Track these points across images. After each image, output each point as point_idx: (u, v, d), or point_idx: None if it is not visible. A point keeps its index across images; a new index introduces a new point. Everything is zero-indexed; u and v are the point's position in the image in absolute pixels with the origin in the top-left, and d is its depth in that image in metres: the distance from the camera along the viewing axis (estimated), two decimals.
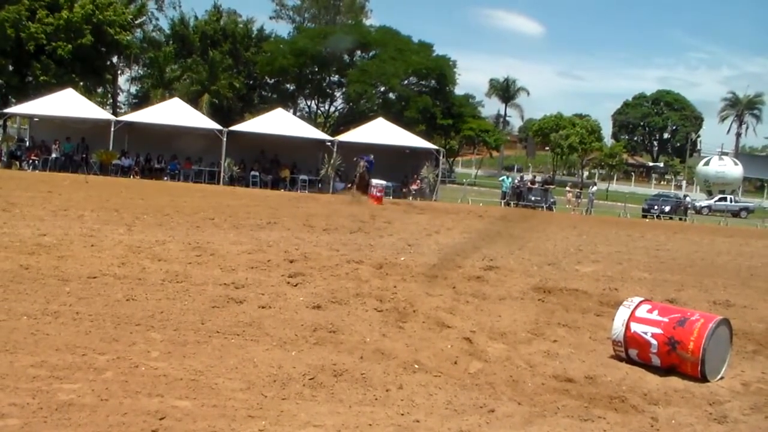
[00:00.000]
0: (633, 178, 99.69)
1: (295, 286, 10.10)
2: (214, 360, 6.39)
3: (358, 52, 77.10)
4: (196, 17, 72.50)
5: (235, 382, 5.88)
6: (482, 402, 5.94)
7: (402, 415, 5.46)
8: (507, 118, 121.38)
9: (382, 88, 74.89)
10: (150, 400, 5.29)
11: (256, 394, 5.65)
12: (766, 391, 6.99)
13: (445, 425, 5.29)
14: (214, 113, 54.36)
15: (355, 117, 63.52)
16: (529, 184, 48.24)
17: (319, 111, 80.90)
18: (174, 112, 40.09)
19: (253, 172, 40.74)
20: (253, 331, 7.45)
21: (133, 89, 74.38)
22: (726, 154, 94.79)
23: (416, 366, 6.77)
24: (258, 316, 8.11)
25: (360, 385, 6.09)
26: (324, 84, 78.23)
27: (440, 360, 7.05)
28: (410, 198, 36.96)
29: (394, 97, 74.47)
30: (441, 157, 42.99)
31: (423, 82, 75.75)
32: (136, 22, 64.05)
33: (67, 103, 38.59)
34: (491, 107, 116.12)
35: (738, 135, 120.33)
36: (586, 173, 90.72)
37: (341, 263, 12.36)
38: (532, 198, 45.48)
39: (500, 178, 49.42)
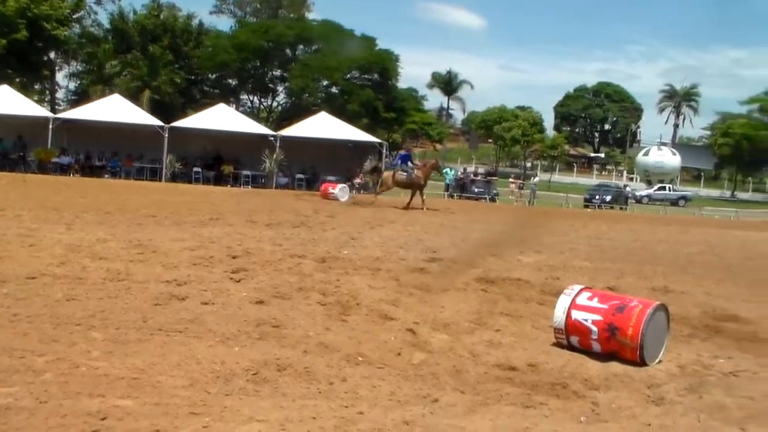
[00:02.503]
0: (575, 169, 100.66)
1: (238, 281, 10.04)
2: (156, 358, 6.33)
3: (301, 47, 76.85)
4: (135, 12, 71.48)
5: (177, 380, 5.82)
6: (426, 392, 5.96)
7: (346, 407, 5.45)
8: (450, 111, 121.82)
9: (325, 82, 74.79)
10: (91, 400, 5.21)
11: (199, 391, 5.59)
12: (700, 373, 7.14)
13: (389, 416, 5.30)
14: (156, 109, 53.72)
15: (297, 111, 63.20)
16: (472, 176, 48.59)
17: (261, 106, 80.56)
18: (114, 109, 39.66)
19: (195, 169, 40.49)
20: (195, 328, 7.38)
21: (71, 85, 73.50)
22: (665, 144, 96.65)
23: (360, 358, 6.77)
24: (201, 312, 8.03)
25: (304, 378, 6.06)
26: (266, 79, 77.90)
27: (383, 352, 7.06)
28: (353, 192, 36.87)
29: (336, 91, 74.42)
30: (384, 151, 43.00)
31: (366, 76, 75.72)
32: (74, 16, 63.21)
33: (2, 100, 37.86)
34: (434, 100, 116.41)
35: (676, 126, 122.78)
36: (528, 165, 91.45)
37: (284, 258, 12.32)
38: (476, 190, 45.83)
39: (443, 171, 49.65)
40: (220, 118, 41.19)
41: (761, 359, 7.88)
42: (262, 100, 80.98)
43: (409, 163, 32.18)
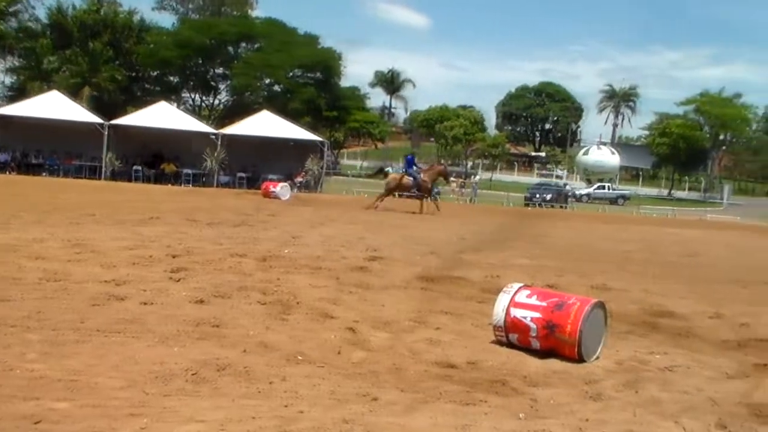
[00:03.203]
0: (516, 168, 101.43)
1: (178, 281, 9.95)
2: (94, 359, 6.25)
3: (244, 44, 76.43)
4: (74, 7, 70.36)
5: (116, 381, 5.75)
6: (366, 391, 5.97)
7: (286, 406, 5.44)
8: (392, 110, 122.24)
9: (268, 81, 74.47)
10: (26, 403, 5.13)
11: (137, 392, 5.53)
12: (637, 369, 7.26)
13: (329, 415, 5.30)
14: (96, 106, 52.94)
15: (240, 109, 62.80)
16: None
17: (203, 104, 79.90)
18: (53, 105, 39.07)
19: (135, 167, 40.07)
20: (134, 328, 7.31)
21: (8, 81, 72.09)
22: (604, 144, 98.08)
23: (300, 357, 6.76)
24: (140, 312, 7.95)
25: (243, 378, 6.03)
26: (209, 76, 77.34)
27: (324, 351, 7.06)
28: (295, 190, 36.76)
29: (279, 90, 74.17)
30: (326, 149, 42.99)
31: (309, 74, 75.56)
32: (11, 10, 62.02)
33: None
34: (377, 99, 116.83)
35: (615, 126, 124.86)
36: (470, 164, 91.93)
37: (225, 257, 12.24)
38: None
39: (386, 169, 49.74)
40: (162, 115, 40.85)
41: (695, 354, 8.06)
42: (204, 98, 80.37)
43: (414, 167, 31.87)
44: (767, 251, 25.65)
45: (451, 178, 53.15)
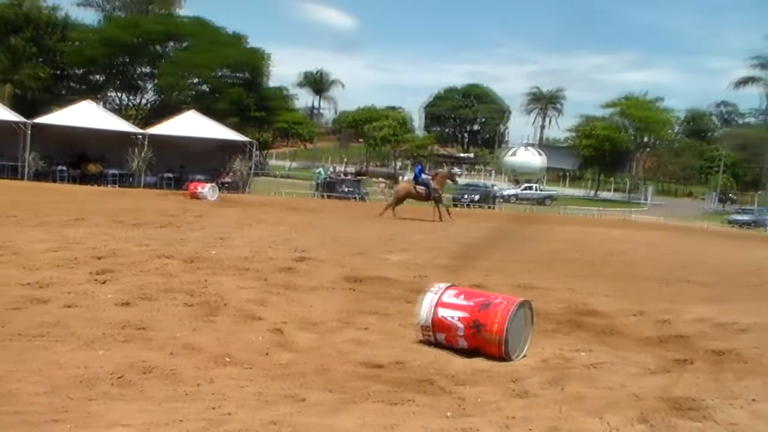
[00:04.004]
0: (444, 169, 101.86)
1: (103, 283, 9.80)
2: (14, 364, 6.12)
3: (170, 43, 75.54)
4: None
5: (37, 386, 5.64)
6: (293, 392, 5.96)
7: (213, 408, 5.41)
8: (320, 111, 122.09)
9: (195, 80, 73.73)
10: None
11: (60, 397, 5.44)
12: (562, 366, 7.40)
13: (256, 417, 5.28)
14: (17, 105, 51.72)
15: (166, 109, 61.94)
16: (342, 175, 48.81)
17: (129, 103, 78.74)
18: None
19: (59, 167, 39.34)
20: (57, 332, 7.18)
21: None
22: (531, 145, 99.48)
23: (227, 359, 6.73)
24: (63, 315, 7.82)
25: (170, 381, 5.97)
26: (134, 75, 76.25)
27: (251, 352, 7.03)
28: (222, 191, 36.51)
29: (206, 89, 73.49)
30: (254, 150, 42.76)
31: (236, 74, 75.04)
32: None
33: None
34: (304, 100, 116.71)
35: (542, 127, 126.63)
36: (398, 164, 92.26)
37: (150, 258, 12.08)
38: (345, 189, 46.00)
39: (315, 170, 49.71)
40: (86, 115, 40.20)
41: (619, 351, 8.23)
42: (130, 97, 79.17)
43: (423, 175, 32.14)
44: (687, 250, 26.25)
45: (379, 179, 53.48)
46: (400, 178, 52.57)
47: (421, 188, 30.72)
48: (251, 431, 5.00)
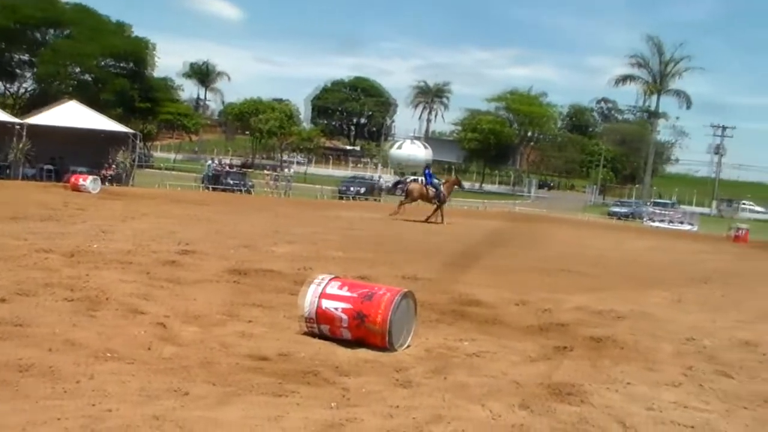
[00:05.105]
0: (330, 162, 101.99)
1: None
2: None
3: (51, 30, 73.25)
4: None
5: None
6: (176, 386, 5.89)
7: (93, 405, 5.28)
8: (206, 102, 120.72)
9: (77, 69, 71.74)
10: None
11: None
12: (446, 355, 7.53)
13: (139, 412, 5.19)
14: None
15: (46, 99, 59.92)
16: (227, 167, 48.40)
17: (7, 92, 76.13)
18: None
19: None
20: None
21: None
22: (417, 138, 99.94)
23: (108, 354, 6.59)
24: None
25: (48, 378, 5.81)
26: (12, 63, 73.66)
27: (133, 347, 6.90)
28: (105, 184, 35.70)
29: (89, 79, 71.60)
30: (138, 141, 41.93)
31: (120, 64, 73.32)
32: None
33: None
34: (190, 91, 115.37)
35: (428, 121, 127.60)
36: (285, 157, 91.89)
37: (29, 253, 11.74)
38: (231, 181, 45.63)
39: (207, 163, 49.16)
40: None
41: (501, 340, 8.43)
42: (7, 85, 76.55)
43: (434, 180, 33.28)
44: (569, 241, 26.94)
45: (265, 171, 53.19)
46: (287, 170, 52.20)
47: (431, 190, 31.75)
48: (133, 427, 4.91)
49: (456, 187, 35.94)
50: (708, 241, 36.52)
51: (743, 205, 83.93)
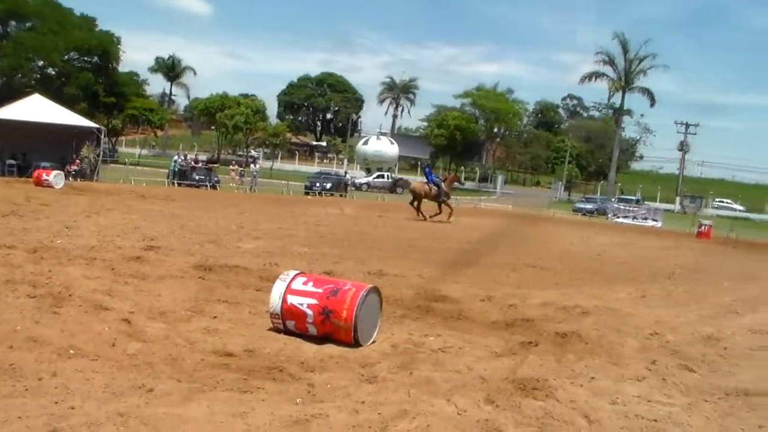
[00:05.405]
0: (297, 157, 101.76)
1: None
2: None
3: (13, 23, 72.31)
4: None
5: None
6: (141, 382, 5.86)
7: (56, 403, 5.25)
8: (173, 97, 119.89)
9: (40, 63, 70.95)
10: None
11: None
12: (411, 351, 7.56)
13: (103, 409, 5.17)
14: None
15: (9, 93, 59.24)
16: (192, 163, 48.16)
17: None
18: None
19: None
20: None
21: None
22: (384, 134, 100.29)
23: (72, 351, 6.54)
24: None
25: (9, 376, 5.75)
26: None
27: (97, 343, 6.86)
28: (69, 179, 35.37)
29: (54, 73, 70.84)
30: (103, 136, 41.55)
31: (85, 58, 72.59)
32: None
33: None
34: (156, 86, 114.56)
35: (395, 117, 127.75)
36: (251, 152, 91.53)
37: None
38: (196, 177, 45.40)
39: (174, 158, 48.86)
40: None
41: (467, 335, 8.47)
42: None
43: (434, 177, 33.64)
44: (534, 237, 27.03)
45: (230, 167, 53.00)
46: (254, 166, 51.92)
47: (434, 188, 32.01)
48: (97, 424, 4.89)
49: (456, 183, 36.41)
50: (672, 237, 36.82)
51: (722, 204, 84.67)
